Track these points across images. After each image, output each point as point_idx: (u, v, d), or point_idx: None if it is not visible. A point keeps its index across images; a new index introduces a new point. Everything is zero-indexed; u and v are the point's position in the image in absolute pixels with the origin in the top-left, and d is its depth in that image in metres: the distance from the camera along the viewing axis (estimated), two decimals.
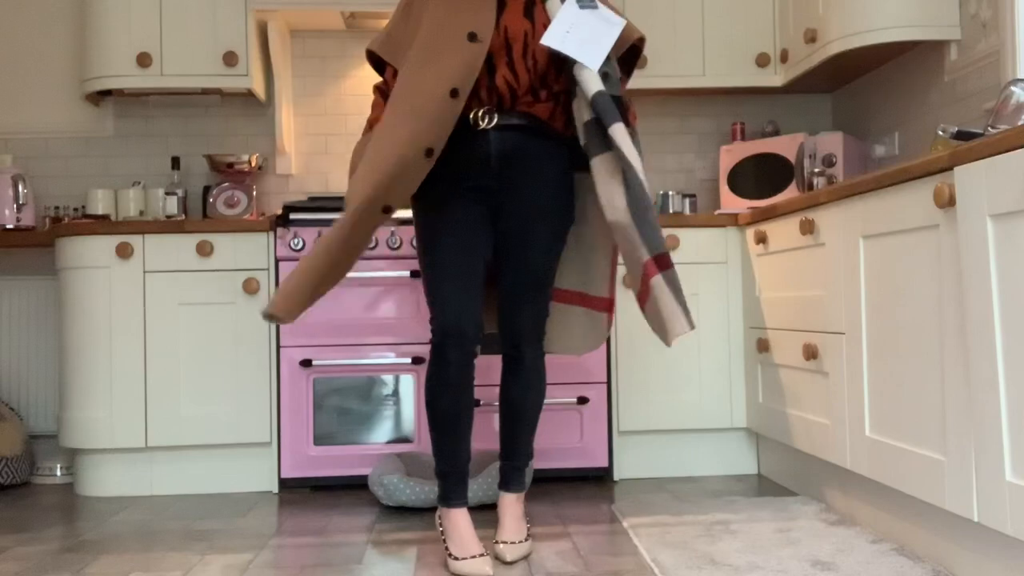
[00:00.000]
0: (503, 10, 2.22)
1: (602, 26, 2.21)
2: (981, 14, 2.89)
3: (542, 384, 2.39)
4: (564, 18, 2.19)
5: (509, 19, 2.22)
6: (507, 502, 2.36)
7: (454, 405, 2.24)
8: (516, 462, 2.38)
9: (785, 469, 3.09)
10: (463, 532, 2.21)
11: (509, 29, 2.21)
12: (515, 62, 2.21)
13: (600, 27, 2.21)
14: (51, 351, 3.65)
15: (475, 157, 2.25)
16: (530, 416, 2.38)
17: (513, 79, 2.22)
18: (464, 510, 2.26)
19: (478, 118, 2.23)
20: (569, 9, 2.20)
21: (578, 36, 2.17)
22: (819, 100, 4.00)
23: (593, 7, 2.23)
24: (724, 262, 3.27)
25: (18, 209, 3.56)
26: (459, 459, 2.27)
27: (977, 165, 1.85)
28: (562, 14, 2.19)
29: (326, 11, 3.59)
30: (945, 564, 2.10)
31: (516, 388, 2.36)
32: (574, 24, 2.18)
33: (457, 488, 2.27)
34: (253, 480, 3.19)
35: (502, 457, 2.40)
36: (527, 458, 2.40)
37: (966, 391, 1.92)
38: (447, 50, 2.17)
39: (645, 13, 3.61)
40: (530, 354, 2.34)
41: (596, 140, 2.18)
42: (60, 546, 2.48)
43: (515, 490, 2.38)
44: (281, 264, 3.14)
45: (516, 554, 2.24)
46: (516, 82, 2.22)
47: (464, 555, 2.14)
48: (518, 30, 2.21)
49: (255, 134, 3.87)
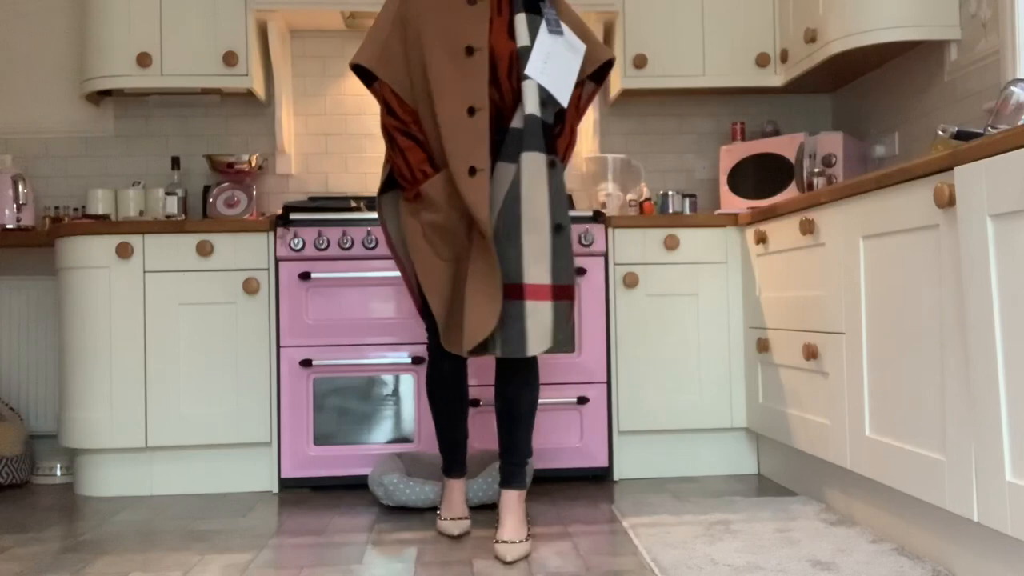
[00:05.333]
0: (489, 29, 2.30)
1: (570, 55, 2.31)
2: (981, 14, 2.90)
3: (536, 382, 2.43)
4: (541, 47, 2.27)
5: (495, 39, 2.30)
6: (508, 500, 2.38)
7: (449, 400, 2.50)
8: (516, 459, 2.42)
9: (785, 469, 3.09)
10: (453, 498, 2.55)
11: (495, 49, 2.29)
12: (500, 80, 2.30)
13: (569, 56, 2.31)
14: (51, 351, 3.65)
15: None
16: (526, 414, 2.42)
17: (499, 98, 2.31)
18: (460, 480, 2.56)
19: None
20: (544, 38, 2.28)
21: (554, 65, 2.28)
22: (819, 100, 4.00)
23: (559, 32, 2.31)
24: (724, 262, 3.27)
25: (18, 209, 3.57)
26: (456, 437, 2.53)
27: (977, 165, 1.85)
28: (539, 44, 2.28)
29: (326, 11, 3.59)
30: (945, 564, 2.10)
31: (510, 388, 2.41)
32: (550, 54, 2.27)
33: (455, 462, 2.56)
34: (253, 480, 3.19)
35: (502, 456, 2.44)
36: (526, 455, 2.44)
37: (966, 391, 1.92)
38: (452, 67, 2.27)
39: (645, 13, 3.62)
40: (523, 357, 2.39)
41: (511, 150, 2.27)
42: (60, 546, 2.48)
43: (516, 487, 2.40)
44: (281, 264, 3.14)
45: (516, 554, 2.26)
46: (501, 101, 2.32)
47: (446, 516, 2.51)
48: (503, 50, 2.29)
49: (255, 134, 3.87)
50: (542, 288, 2.23)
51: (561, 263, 2.26)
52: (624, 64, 3.61)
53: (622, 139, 3.95)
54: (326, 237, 3.14)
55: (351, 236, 3.15)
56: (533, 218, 2.23)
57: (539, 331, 2.24)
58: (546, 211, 2.24)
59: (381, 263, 3.16)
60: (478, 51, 2.25)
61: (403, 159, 2.34)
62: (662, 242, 3.25)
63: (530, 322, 2.23)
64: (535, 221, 2.23)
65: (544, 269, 2.24)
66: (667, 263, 3.26)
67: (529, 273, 2.23)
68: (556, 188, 2.27)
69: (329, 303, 3.15)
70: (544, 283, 2.24)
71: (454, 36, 2.27)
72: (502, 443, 2.43)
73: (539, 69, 2.25)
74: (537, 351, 2.24)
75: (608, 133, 3.93)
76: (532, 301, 2.22)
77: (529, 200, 2.23)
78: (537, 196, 2.23)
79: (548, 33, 2.28)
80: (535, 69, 2.25)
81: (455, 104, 2.25)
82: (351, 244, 3.14)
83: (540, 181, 2.24)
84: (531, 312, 2.22)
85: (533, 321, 2.22)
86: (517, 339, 2.23)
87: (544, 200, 2.24)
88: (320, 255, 3.15)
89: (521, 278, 2.23)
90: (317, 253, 3.14)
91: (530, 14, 2.32)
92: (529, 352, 2.24)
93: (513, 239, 2.23)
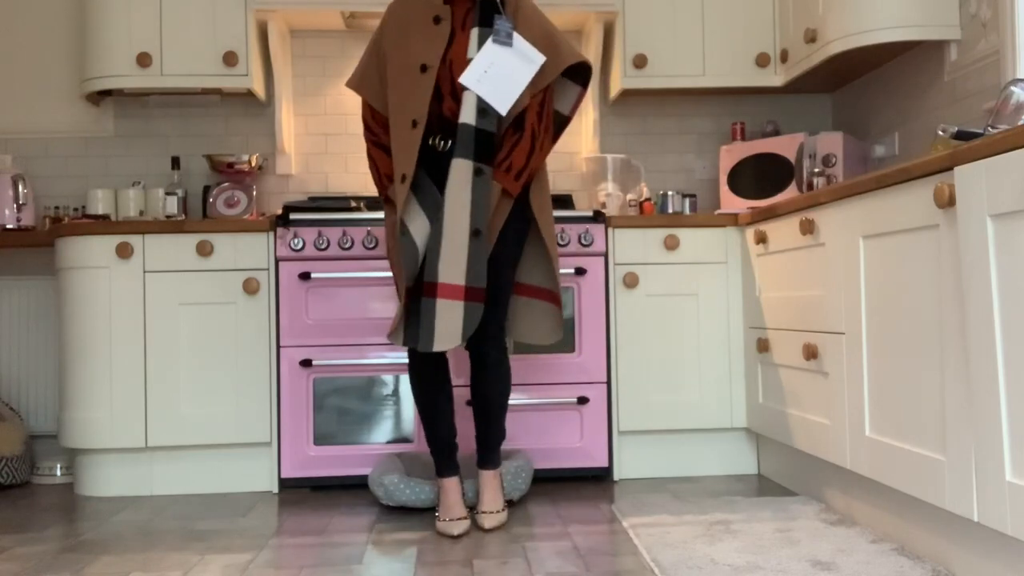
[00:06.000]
0: (452, 43, 2.48)
1: (518, 65, 2.40)
2: (981, 14, 2.90)
3: (507, 377, 2.64)
4: (483, 57, 2.38)
5: (455, 52, 2.47)
6: (485, 478, 2.64)
7: (430, 397, 2.62)
8: (490, 443, 2.66)
9: (785, 469, 3.09)
10: (449, 498, 2.60)
11: (454, 62, 2.47)
12: (458, 92, 2.46)
13: (518, 66, 2.40)
14: (51, 351, 3.65)
15: (440, 178, 2.52)
16: (498, 405, 2.64)
17: (456, 108, 2.47)
18: (454, 480, 2.62)
19: (435, 143, 2.53)
20: (488, 48, 2.40)
21: (496, 74, 2.39)
22: (819, 100, 4.00)
23: (508, 44, 2.42)
24: (724, 262, 3.27)
25: (18, 209, 3.57)
26: (444, 436, 2.63)
27: (977, 165, 1.85)
28: (482, 52, 2.40)
29: (326, 11, 3.60)
30: (945, 564, 2.10)
31: (484, 384, 2.62)
32: (493, 63, 2.38)
33: (446, 461, 2.64)
34: (253, 480, 3.19)
35: (478, 441, 2.66)
36: (500, 439, 2.68)
37: (966, 391, 1.92)
38: (406, 83, 2.48)
39: (645, 13, 3.62)
40: (493, 354, 2.59)
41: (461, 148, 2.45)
42: (60, 546, 2.48)
43: (491, 468, 2.66)
44: (281, 264, 3.14)
45: (494, 522, 2.56)
46: (459, 110, 2.46)
47: (444, 517, 2.56)
48: (461, 64, 2.46)
49: (255, 134, 3.87)
50: (456, 288, 2.40)
51: (477, 267, 2.43)
52: (624, 64, 3.61)
53: (622, 139, 3.95)
54: (326, 237, 3.14)
55: (351, 236, 3.15)
56: (453, 221, 2.41)
57: (449, 328, 2.41)
58: (467, 216, 2.41)
59: (381, 263, 3.16)
60: (430, 69, 2.46)
61: (375, 167, 2.61)
62: (662, 242, 3.25)
63: (440, 319, 2.40)
64: (455, 225, 2.41)
65: (459, 271, 2.40)
66: (667, 263, 3.26)
67: (444, 273, 2.40)
68: (480, 194, 2.43)
69: (329, 303, 3.15)
70: (458, 283, 2.41)
71: (414, 55, 2.48)
72: (478, 430, 2.66)
73: (476, 79, 2.40)
74: (443, 347, 2.40)
75: (608, 133, 3.93)
76: (444, 299, 2.40)
77: (451, 204, 2.41)
78: (458, 201, 2.41)
79: (494, 44, 2.43)
80: (471, 79, 2.41)
81: (403, 117, 2.48)
82: (351, 244, 3.14)
83: (464, 187, 2.41)
84: (442, 309, 2.40)
85: (443, 318, 2.40)
86: (426, 335, 2.41)
87: (466, 205, 2.41)
88: (320, 255, 3.15)
89: (436, 277, 2.40)
90: (317, 253, 3.15)
91: (483, 28, 2.48)
92: (436, 347, 2.40)
93: (435, 239, 2.42)
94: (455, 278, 2.40)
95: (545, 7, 3.57)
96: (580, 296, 3.21)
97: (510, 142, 2.51)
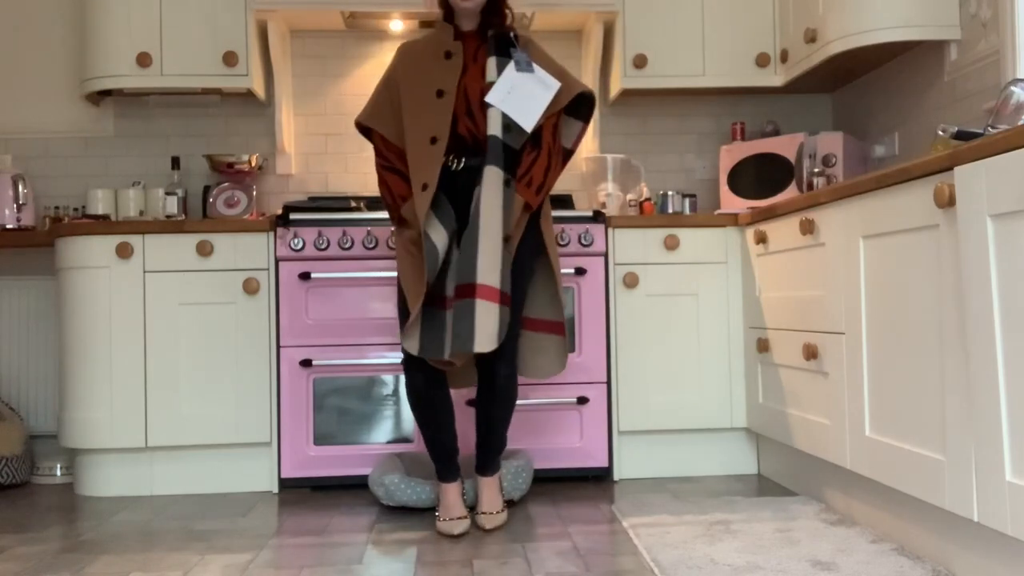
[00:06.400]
0: (464, 74, 2.61)
1: (538, 89, 2.59)
2: (981, 14, 2.90)
3: (513, 396, 2.67)
4: (506, 80, 2.56)
5: (468, 81, 2.60)
6: (485, 482, 2.68)
7: (427, 408, 2.62)
8: (491, 451, 2.69)
9: (785, 469, 3.09)
10: (450, 500, 2.63)
11: (468, 88, 2.59)
12: (474, 113, 2.57)
13: (537, 90, 2.58)
14: (51, 351, 3.65)
15: (453, 196, 2.58)
16: (501, 422, 2.67)
17: (473, 126, 2.58)
18: (455, 484, 2.65)
19: (450, 162, 2.59)
20: (510, 72, 2.57)
21: (519, 95, 2.56)
22: (819, 100, 4.00)
23: (530, 71, 2.59)
24: (724, 262, 3.27)
25: (18, 209, 3.57)
26: (444, 444, 2.65)
27: (977, 165, 1.85)
28: (504, 76, 2.57)
29: (326, 11, 3.59)
30: (945, 564, 2.10)
31: (491, 405, 2.64)
32: (515, 86, 2.57)
33: (447, 467, 2.66)
34: (253, 480, 3.19)
35: (478, 448, 2.69)
36: (501, 447, 2.70)
37: (966, 391, 1.92)
38: (423, 107, 2.59)
39: (645, 13, 3.62)
40: (503, 372, 2.60)
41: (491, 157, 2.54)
42: (60, 546, 2.48)
43: (490, 474, 2.68)
44: (281, 264, 3.14)
45: (494, 523, 2.59)
46: (476, 128, 2.58)
47: (444, 517, 2.58)
48: (476, 88, 2.59)
49: (255, 134, 3.87)
50: (493, 291, 2.43)
51: (506, 273, 2.47)
52: (624, 64, 3.61)
53: (622, 139, 3.95)
54: (326, 237, 3.14)
55: (351, 236, 3.15)
56: (488, 224, 2.45)
57: (488, 330, 2.41)
58: (499, 221, 2.47)
59: (381, 263, 3.16)
60: (447, 94, 2.57)
61: (387, 190, 2.65)
62: (662, 242, 3.25)
63: (479, 320, 2.41)
64: (489, 228, 2.45)
65: (496, 275, 2.43)
66: (667, 263, 3.26)
67: (483, 274, 2.42)
68: (508, 203, 2.50)
69: (329, 303, 3.15)
70: (495, 286, 2.44)
71: (429, 83, 2.60)
72: (479, 441, 2.68)
73: (500, 98, 2.54)
74: (483, 349, 2.41)
75: (608, 133, 3.93)
76: (483, 301, 2.41)
77: (486, 208, 2.46)
78: (493, 205, 2.47)
79: (516, 71, 2.57)
80: (496, 98, 2.54)
81: (421, 135, 2.56)
82: (351, 244, 3.14)
83: (497, 193, 2.48)
84: (481, 311, 2.41)
85: (482, 319, 2.41)
86: (466, 335, 2.40)
87: (499, 210, 2.47)
88: (320, 255, 3.15)
89: (475, 278, 2.41)
90: (317, 253, 3.15)
91: (500, 57, 2.61)
92: (476, 348, 2.40)
93: (470, 242, 2.44)
94: (493, 280, 2.43)
95: (545, 7, 3.57)
96: (580, 296, 3.21)
97: (529, 158, 2.60)
